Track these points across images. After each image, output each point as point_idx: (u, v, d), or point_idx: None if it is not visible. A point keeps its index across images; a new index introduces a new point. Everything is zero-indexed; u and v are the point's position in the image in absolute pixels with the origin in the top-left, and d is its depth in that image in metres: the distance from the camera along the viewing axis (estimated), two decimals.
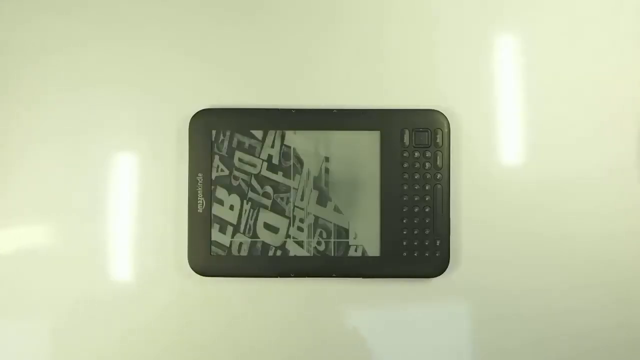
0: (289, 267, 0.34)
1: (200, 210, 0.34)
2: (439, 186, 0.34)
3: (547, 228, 0.35)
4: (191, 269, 0.34)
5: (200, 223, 0.34)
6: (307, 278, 0.35)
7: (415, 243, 0.34)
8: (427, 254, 0.34)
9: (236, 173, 0.35)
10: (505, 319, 0.35)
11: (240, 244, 0.34)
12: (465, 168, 0.35)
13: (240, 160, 0.35)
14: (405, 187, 0.34)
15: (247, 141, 0.35)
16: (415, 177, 0.34)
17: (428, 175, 0.34)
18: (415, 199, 0.34)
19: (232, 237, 0.34)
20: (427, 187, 0.34)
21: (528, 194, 0.35)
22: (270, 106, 0.35)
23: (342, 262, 0.34)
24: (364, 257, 0.34)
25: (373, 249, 0.34)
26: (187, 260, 0.34)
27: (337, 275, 0.34)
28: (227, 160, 0.35)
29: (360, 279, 0.35)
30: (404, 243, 0.34)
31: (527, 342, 0.35)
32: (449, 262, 0.34)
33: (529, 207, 0.35)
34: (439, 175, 0.34)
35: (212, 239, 0.34)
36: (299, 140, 0.35)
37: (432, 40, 0.36)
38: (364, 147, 0.35)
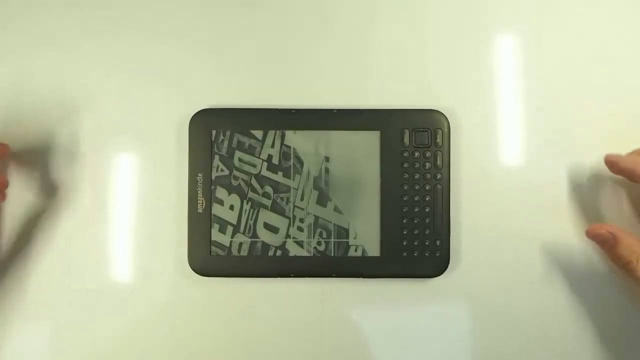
0: (289, 267, 0.34)
1: (200, 210, 0.34)
2: (439, 186, 0.34)
3: (546, 228, 0.35)
4: (191, 269, 0.34)
5: (200, 223, 0.34)
6: (307, 278, 0.35)
7: (415, 243, 0.34)
8: (427, 254, 0.34)
9: (236, 173, 0.35)
10: (504, 319, 0.35)
11: (240, 244, 0.34)
12: (465, 168, 0.35)
13: (240, 160, 0.35)
14: (405, 187, 0.34)
15: (247, 141, 0.35)
16: (415, 177, 0.34)
17: (428, 175, 0.34)
18: (415, 199, 0.34)
19: (232, 237, 0.34)
20: (427, 187, 0.34)
21: (528, 194, 0.35)
22: (270, 106, 0.35)
23: (342, 262, 0.34)
24: (364, 257, 0.34)
25: (373, 249, 0.34)
26: (187, 260, 0.34)
27: (337, 275, 0.34)
28: (227, 160, 0.35)
29: (360, 279, 0.35)
30: (404, 243, 0.34)
31: (527, 342, 0.35)
32: (449, 262, 0.34)
33: (529, 207, 0.35)
34: (439, 175, 0.34)
35: (212, 239, 0.34)
36: (299, 140, 0.35)
37: (432, 40, 0.36)
38: (364, 147, 0.34)
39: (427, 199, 0.34)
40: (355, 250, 0.34)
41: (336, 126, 0.35)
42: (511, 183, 0.35)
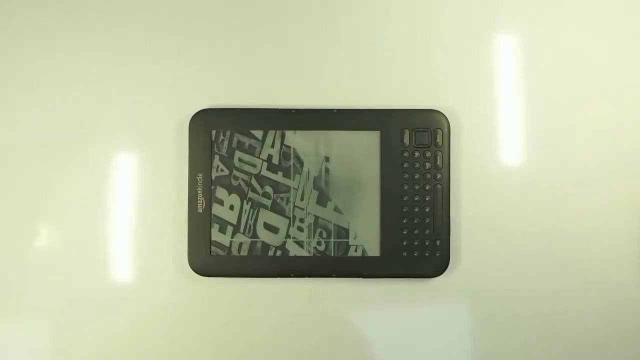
0: (289, 267, 0.34)
1: (200, 210, 0.34)
2: (439, 186, 0.34)
3: (546, 228, 0.35)
4: (191, 269, 0.34)
5: (200, 223, 0.34)
6: (307, 278, 0.35)
7: (415, 243, 0.34)
8: (427, 254, 0.34)
9: (236, 173, 0.34)
10: (504, 319, 0.35)
11: (240, 244, 0.34)
12: (465, 168, 0.35)
13: (240, 160, 0.35)
14: (405, 187, 0.34)
15: (247, 141, 0.35)
16: (415, 177, 0.34)
17: (428, 175, 0.34)
18: (415, 198, 0.34)
19: (232, 237, 0.34)
20: (427, 187, 0.34)
21: (528, 194, 0.35)
22: (270, 106, 0.35)
23: (342, 262, 0.34)
24: (364, 257, 0.34)
25: (373, 249, 0.34)
26: (187, 260, 0.34)
27: (337, 275, 0.34)
28: (227, 160, 0.35)
29: (360, 279, 0.35)
30: (404, 243, 0.34)
31: (527, 342, 0.35)
32: (449, 262, 0.34)
33: (529, 207, 0.35)
34: (439, 175, 0.34)
35: (212, 239, 0.34)
36: (299, 140, 0.35)
37: (432, 40, 0.36)
38: (364, 147, 0.34)
39: (427, 199, 0.34)
40: (355, 250, 0.34)
41: (336, 126, 0.35)
42: (511, 183, 0.35)
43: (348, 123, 0.35)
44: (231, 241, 0.34)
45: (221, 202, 0.34)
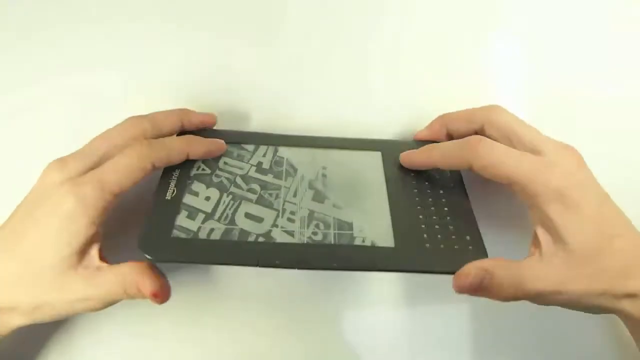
0: (273, 254, 0.25)
1: (168, 198, 0.28)
2: (451, 184, 0.30)
3: None
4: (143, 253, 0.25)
5: (165, 209, 0.27)
6: (297, 270, 0.25)
7: (439, 236, 0.27)
8: (456, 247, 0.26)
9: (219, 172, 0.30)
10: (508, 321, 0.31)
11: (212, 229, 0.26)
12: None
13: (225, 163, 0.30)
14: (415, 191, 0.30)
15: (235, 151, 0.31)
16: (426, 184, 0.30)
17: (437, 176, 0.30)
18: (430, 206, 0.29)
19: (203, 223, 0.27)
20: (441, 191, 0.30)
21: None
22: (265, 130, 0.33)
23: (345, 250, 0.26)
24: (374, 247, 0.26)
25: (386, 240, 0.26)
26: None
27: (338, 266, 0.25)
28: (211, 163, 0.30)
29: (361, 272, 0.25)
30: (425, 236, 0.27)
31: (531, 343, 0.31)
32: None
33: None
34: (448, 174, 0.31)
35: (177, 223, 0.27)
36: (293, 152, 0.31)
37: (432, 40, 0.36)
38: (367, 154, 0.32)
39: (443, 200, 0.29)
40: (363, 241, 0.26)
41: (335, 145, 0.32)
42: None
43: (348, 144, 0.32)
44: (200, 227, 0.27)
45: (196, 194, 0.28)
